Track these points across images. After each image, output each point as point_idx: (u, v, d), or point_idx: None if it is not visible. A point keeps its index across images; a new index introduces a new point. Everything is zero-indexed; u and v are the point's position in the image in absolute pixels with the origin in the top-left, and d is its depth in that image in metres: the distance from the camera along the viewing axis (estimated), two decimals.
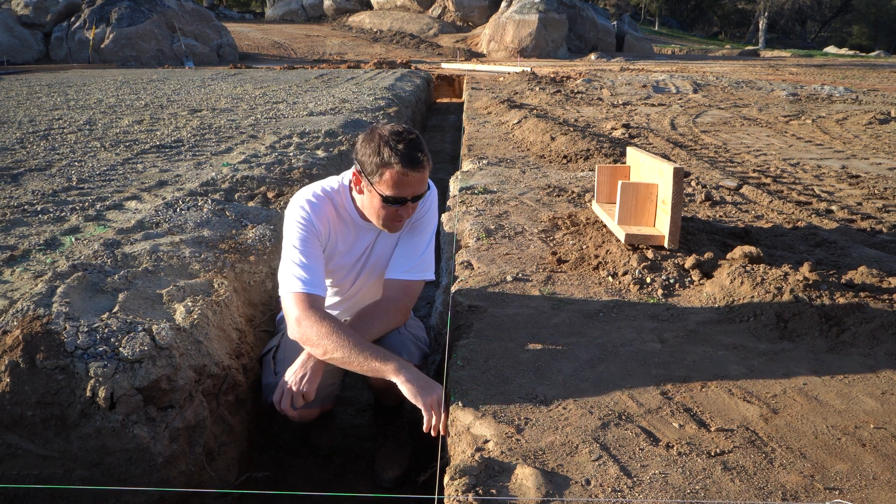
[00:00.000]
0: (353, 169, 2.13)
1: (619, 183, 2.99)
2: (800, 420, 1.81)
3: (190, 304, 2.33)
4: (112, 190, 4.03)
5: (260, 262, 2.94)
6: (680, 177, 2.75)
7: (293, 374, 2.10)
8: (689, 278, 2.71)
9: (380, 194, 2.01)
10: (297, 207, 2.14)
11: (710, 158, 5.69)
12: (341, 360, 1.99)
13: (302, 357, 2.11)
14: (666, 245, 2.85)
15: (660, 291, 2.64)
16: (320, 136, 6.10)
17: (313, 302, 2.03)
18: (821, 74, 18.13)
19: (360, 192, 2.10)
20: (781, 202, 4.12)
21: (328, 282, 2.31)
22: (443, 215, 4.03)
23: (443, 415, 1.89)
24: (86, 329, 2.03)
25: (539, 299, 2.59)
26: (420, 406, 1.89)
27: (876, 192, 4.49)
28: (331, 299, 2.41)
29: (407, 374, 1.93)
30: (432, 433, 1.88)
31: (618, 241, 3.01)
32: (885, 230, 3.62)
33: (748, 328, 2.34)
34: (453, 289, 2.72)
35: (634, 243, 2.93)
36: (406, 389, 1.91)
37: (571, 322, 2.40)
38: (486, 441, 1.73)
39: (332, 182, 2.23)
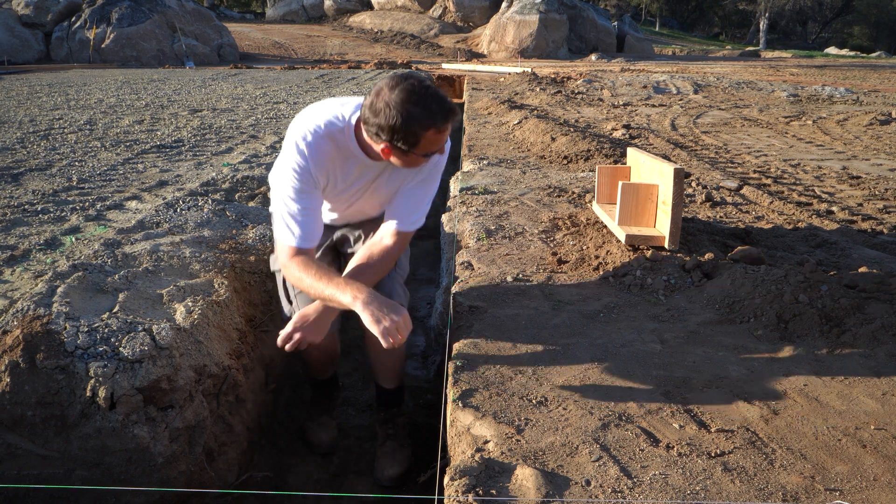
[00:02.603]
0: (359, 112, 1.97)
1: (620, 183, 2.99)
2: (800, 421, 1.81)
3: (190, 304, 2.33)
4: (112, 190, 4.03)
5: (260, 262, 2.94)
6: (680, 177, 2.75)
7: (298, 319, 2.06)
8: (689, 279, 2.71)
9: (417, 154, 1.89)
10: (296, 149, 2.00)
11: (710, 159, 5.69)
12: (315, 297, 2.02)
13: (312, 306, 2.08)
14: (666, 246, 2.85)
15: (660, 292, 2.64)
16: None
17: (302, 253, 2.02)
18: (821, 75, 18.13)
19: (388, 156, 1.93)
20: (782, 203, 4.12)
21: (325, 205, 2.23)
22: (443, 216, 4.03)
23: (398, 335, 1.86)
24: (86, 329, 2.03)
25: (539, 300, 2.59)
26: (376, 332, 1.86)
27: (876, 192, 4.49)
28: (326, 215, 2.33)
29: (366, 298, 1.90)
30: (387, 345, 1.88)
31: (618, 241, 3.01)
32: (885, 231, 3.61)
33: (749, 329, 2.34)
34: (453, 289, 2.72)
35: (635, 244, 2.92)
36: (366, 315, 1.88)
37: (572, 323, 2.40)
38: (487, 441, 1.73)
39: (336, 116, 2.04)
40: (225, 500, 2.24)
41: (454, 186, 4.60)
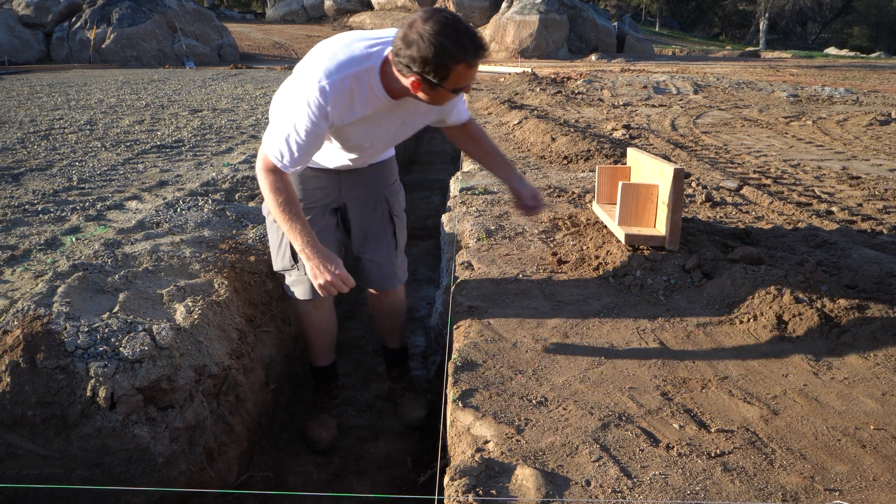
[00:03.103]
0: (384, 49, 1.97)
1: (620, 184, 2.99)
2: (800, 421, 1.81)
3: (190, 304, 2.33)
4: (113, 190, 4.03)
5: (260, 262, 2.94)
6: (680, 178, 2.75)
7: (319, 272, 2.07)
8: (689, 279, 2.71)
9: (445, 89, 1.88)
10: (318, 86, 1.94)
11: (710, 159, 5.69)
12: (276, 219, 2.09)
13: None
14: (666, 246, 2.86)
15: (660, 292, 2.64)
16: None
17: (280, 173, 2.06)
18: (821, 75, 18.13)
19: (422, 92, 1.91)
20: (782, 203, 4.12)
21: (344, 144, 2.24)
22: (443, 216, 4.03)
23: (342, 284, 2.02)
24: (86, 329, 2.03)
25: (539, 300, 2.59)
26: (314, 284, 2.05)
27: (876, 193, 4.49)
28: (344, 154, 2.33)
29: (310, 252, 2.03)
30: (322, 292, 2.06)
31: (618, 241, 3.01)
32: (885, 231, 3.61)
33: (748, 329, 2.34)
34: (453, 289, 2.72)
35: (635, 244, 2.93)
36: (308, 267, 2.05)
37: (572, 323, 2.40)
38: (487, 441, 1.73)
39: (361, 53, 1.99)
40: (225, 500, 2.25)
41: (454, 186, 4.60)
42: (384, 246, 2.58)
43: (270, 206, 2.08)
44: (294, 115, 1.97)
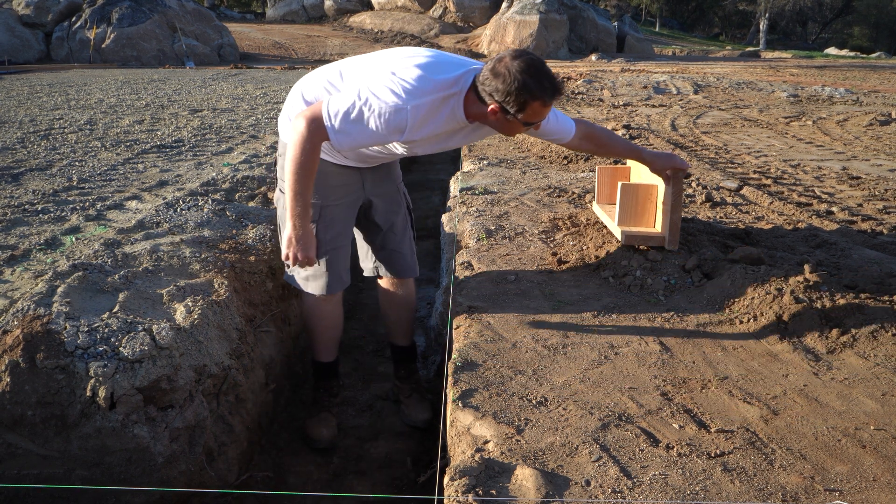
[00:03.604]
0: (470, 77, 2.11)
1: (619, 184, 2.99)
2: (800, 421, 1.81)
3: (190, 303, 2.33)
4: (113, 190, 4.03)
5: (260, 262, 2.94)
6: (680, 178, 2.75)
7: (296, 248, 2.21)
8: (689, 279, 2.71)
9: (519, 121, 2.07)
10: (409, 102, 2.01)
11: (710, 159, 5.69)
12: (287, 185, 2.14)
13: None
14: (666, 246, 2.86)
15: (660, 292, 2.64)
16: None
17: (321, 138, 2.08)
18: (821, 76, 18.12)
19: (497, 120, 2.10)
20: (782, 203, 4.12)
21: (406, 151, 2.32)
22: (443, 216, 4.03)
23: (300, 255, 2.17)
24: (86, 329, 2.03)
25: (539, 300, 2.59)
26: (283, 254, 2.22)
27: (876, 193, 4.49)
28: (377, 157, 2.42)
29: (298, 234, 2.16)
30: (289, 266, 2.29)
31: (618, 241, 3.01)
32: (885, 231, 3.61)
33: (748, 329, 2.34)
34: (453, 289, 2.72)
35: (635, 244, 2.92)
36: (286, 233, 2.19)
37: (572, 323, 2.40)
38: (486, 441, 1.73)
39: (452, 81, 2.11)
40: (225, 500, 2.25)
41: (454, 186, 4.60)
42: (407, 237, 2.72)
43: (288, 156, 2.09)
44: (376, 106, 2.02)
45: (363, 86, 2.07)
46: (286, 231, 2.19)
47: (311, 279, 2.54)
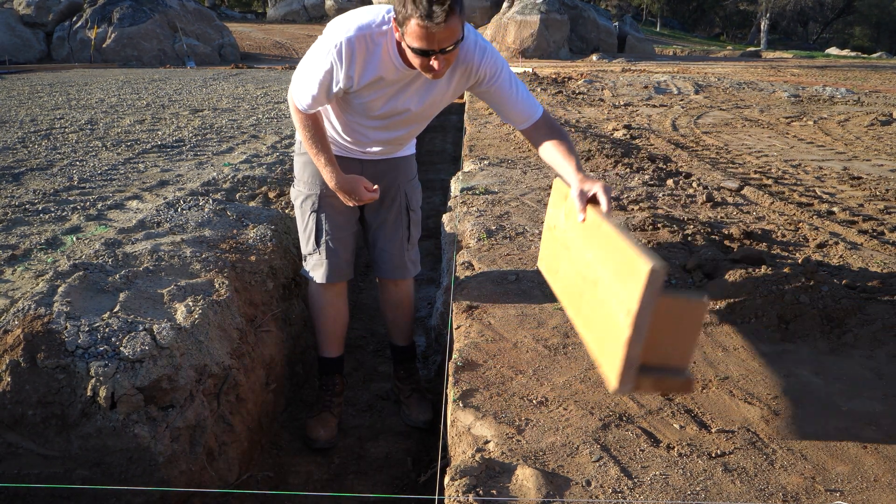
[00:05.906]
0: None
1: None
2: (801, 421, 1.81)
3: (191, 303, 2.33)
4: (113, 189, 4.04)
5: (261, 261, 2.94)
6: (658, 281, 1.37)
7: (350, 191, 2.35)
8: (690, 279, 2.70)
9: (407, 45, 1.98)
10: (334, 41, 2.11)
11: (711, 159, 5.68)
12: (306, 149, 2.36)
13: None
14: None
15: None
16: None
17: (302, 113, 2.28)
18: (822, 76, 18.11)
19: (402, 50, 2.08)
20: (783, 203, 4.12)
21: (368, 113, 2.36)
22: (443, 216, 4.03)
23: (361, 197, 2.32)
24: (87, 328, 2.03)
25: (540, 300, 2.59)
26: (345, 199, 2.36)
27: (877, 193, 4.49)
28: (374, 134, 2.45)
29: (335, 182, 2.32)
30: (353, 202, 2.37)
31: None
32: (886, 232, 3.61)
33: (749, 329, 2.34)
34: (453, 289, 2.72)
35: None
36: (337, 189, 2.34)
37: (572, 323, 2.39)
38: (487, 441, 1.73)
39: (380, 22, 2.12)
40: (225, 500, 2.24)
41: (455, 186, 4.60)
42: (398, 237, 2.67)
43: (301, 138, 2.35)
44: (313, 61, 2.17)
45: (308, 54, 2.23)
46: (333, 181, 2.32)
47: (314, 268, 2.63)
